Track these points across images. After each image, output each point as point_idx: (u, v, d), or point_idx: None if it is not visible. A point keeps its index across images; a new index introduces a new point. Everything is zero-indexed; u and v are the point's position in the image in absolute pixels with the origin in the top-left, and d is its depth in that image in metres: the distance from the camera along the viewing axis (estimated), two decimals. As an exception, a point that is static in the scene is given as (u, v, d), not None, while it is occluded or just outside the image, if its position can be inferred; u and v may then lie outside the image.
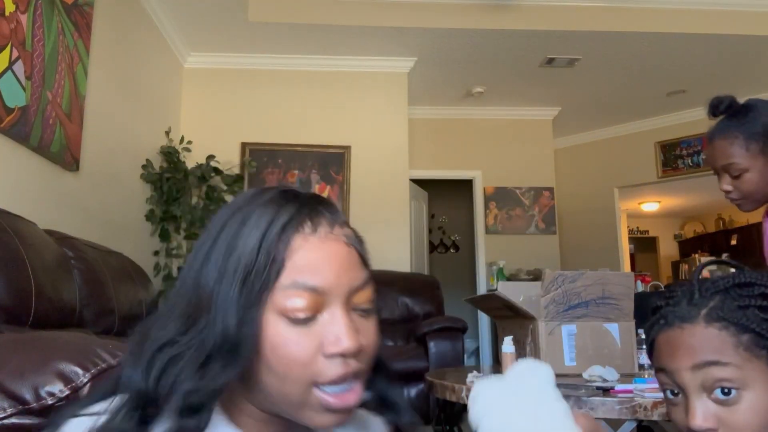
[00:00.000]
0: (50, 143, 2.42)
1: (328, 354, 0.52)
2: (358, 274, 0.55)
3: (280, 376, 0.52)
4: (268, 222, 0.54)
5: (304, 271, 0.52)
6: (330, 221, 0.56)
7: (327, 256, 0.53)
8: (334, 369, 0.52)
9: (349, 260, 0.55)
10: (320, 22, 3.99)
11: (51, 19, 2.42)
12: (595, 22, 4.05)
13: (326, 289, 0.52)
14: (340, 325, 0.52)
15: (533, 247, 5.62)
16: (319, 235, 0.54)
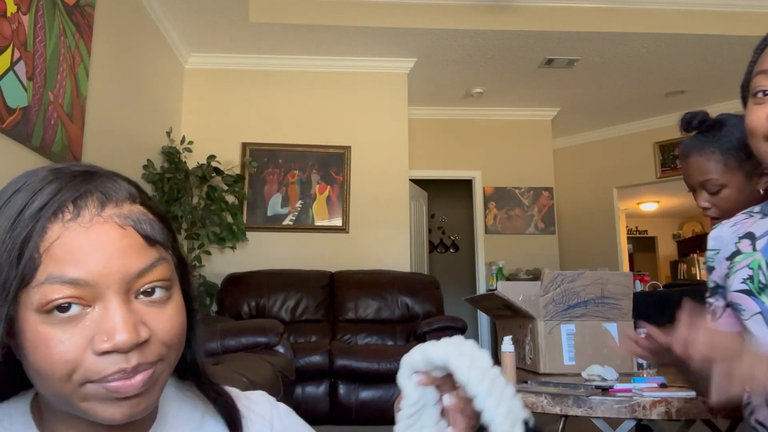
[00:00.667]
0: (52, 143, 2.43)
1: (98, 351, 0.45)
2: (136, 258, 0.48)
3: (47, 378, 0.46)
4: (19, 209, 0.47)
5: (62, 262, 0.45)
6: (100, 201, 0.48)
7: (90, 243, 0.46)
8: (109, 367, 0.46)
9: (123, 244, 0.47)
10: (320, 22, 4.00)
11: (52, 20, 2.43)
12: (594, 23, 4.06)
13: (91, 281, 0.46)
14: (112, 319, 0.46)
15: (532, 246, 5.63)
16: (82, 220, 0.47)
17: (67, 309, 0.45)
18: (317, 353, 3.30)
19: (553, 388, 1.50)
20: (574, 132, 6.30)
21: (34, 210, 0.46)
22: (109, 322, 0.46)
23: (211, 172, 3.92)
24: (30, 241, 0.45)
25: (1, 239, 0.46)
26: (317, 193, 4.45)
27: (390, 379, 3.34)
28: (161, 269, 0.49)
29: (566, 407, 1.42)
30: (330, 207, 4.44)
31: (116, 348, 0.45)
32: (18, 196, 0.48)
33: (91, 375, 0.46)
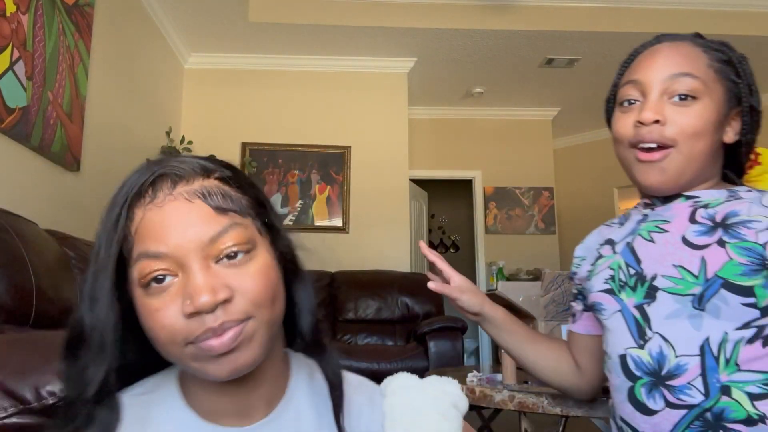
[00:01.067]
0: (51, 143, 2.43)
1: (185, 314, 0.51)
2: (206, 227, 0.53)
3: (158, 343, 0.53)
4: (112, 201, 0.55)
5: (146, 239, 0.52)
6: (173, 181, 0.54)
7: (164, 220, 0.52)
8: (198, 327, 0.51)
9: (192, 216, 0.53)
10: (320, 22, 3.99)
11: (52, 20, 2.43)
12: (595, 23, 4.06)
13: (170, 252, 0.52)
14: (192, 283, 0.51)
15: (533, 246, 5.62)
16: (157, 201, 0.53)
17: (162, 281, 0.52)
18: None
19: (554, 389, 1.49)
20: (574, 132, 6.30)
21: (121, 197, 0.54)
22: (190, 286, 0.51)
23: (211, 172, 3.92)
24: (119, 225, 0.53)
25: (102, 224, 0.55)
26: (317, 193, 4.45)
27: (390, 379, 3.33)
28: (235, 234, 0.54)
29: (567, 408, 1.42)
30: (330, 207, 4.44)
31: (199, 309, 0.50)
32: (117, 188, 0.56)
33: (187, 336, 0.51)
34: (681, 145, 0.84)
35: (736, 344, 0.76)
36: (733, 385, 0.76)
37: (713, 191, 0.87)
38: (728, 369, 0.76)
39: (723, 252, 0.77)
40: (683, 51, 0.88)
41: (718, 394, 0.77)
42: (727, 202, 0.83)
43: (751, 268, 0.75)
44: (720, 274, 0.76)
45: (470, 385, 1.66)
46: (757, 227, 0.77)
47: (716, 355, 0.77)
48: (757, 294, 0.75)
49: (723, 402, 0.76)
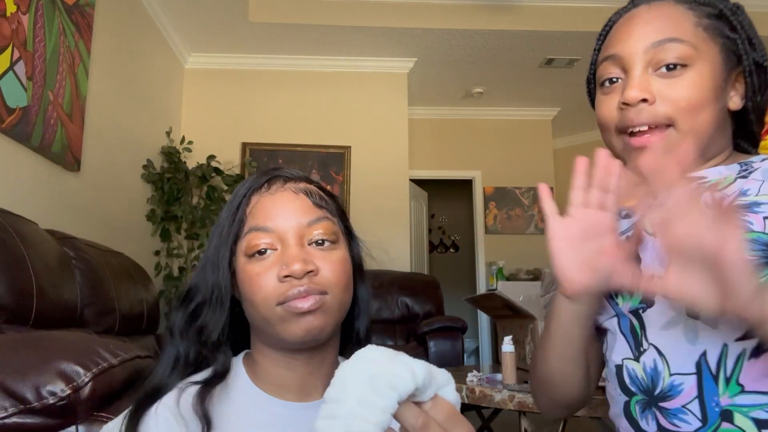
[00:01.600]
0: (51, 143, 2.43)
1: (280, 277, 0.63)
2: (306, 214, 0.67)
3: (253, 303, 0.65)
4: (236, 193, 0.70)
5: (258, 217, 0.67)
6: (284, 180, 0.70)
7: (275, 203, 0.67)
8: (289, 288, 0.63)
9: (297, 205, 0.68)
10: (320, 22, 3.99)
11: (52, 20, 2.43)
12: (595, 23, 4.05)
13: (275, 228, 0.66)
14: (289, 253, 0.64)
15: (533, 247, 5.62)
16: (271, 191, 0.69)
17: (264, 252, 0.65)
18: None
19: (554, 389, 1.49)
20: (574, 132, 6.30)
21: (244, 189, 0.70)
22: (287, 257, 0.64)
23: (211, 172, 3.92)
24: (240, 208, 0.68)
25: (226, 214, 0.69)
26: (317, 193, 4.45)
27: (390, 379, 3.34)
28: (326, 225, 0.68)
29: (566, 407, 1.42)
30: (330, 207, 4.44)
31: (291, 273, 0.63)
32: (239, 186, 0.71)
33: (279, 297, 0.63)
34: (679, 123, 0.70)
35: (738, 359, 0.62)
36: (736, 410, 0.62)
37: (722, 168, 0.73)
38: (729, 390, 0.62)
39: None
40: (664, 12, 0.73)
41: (717, 420, 0.63)
42: (739, 179, 0.70)
43: (755, 263, 0.60)
44: None
45: (470, 385, 1.66)
46: (766, 211, 0.63)
47: (715, 374, 0.63)
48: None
49: (724, 430, 0.62)
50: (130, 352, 1.06)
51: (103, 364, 0.99)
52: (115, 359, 1.01)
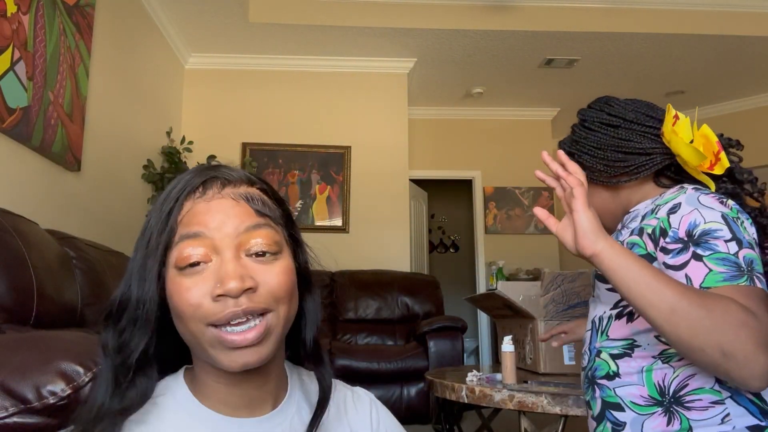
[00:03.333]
0: (52, 143, 2.43)
1: (214, 296, 0.56)
2: (245, 220, 0.60)
3: (182, 320, 0.58)
4: (166, 195, 0.62)
5: (190, 225, 0.59)
6: (222, 183, 0.62)
7: (209, 210, 0.60)
8: (223, 309, 0.56)
9: (234, 211, 0.60)
10: (320, 22, 4.00)
11: (52, 20, 2.43)
12: (594, 23, 4.06)
13: (208, 234, 0.58)
14: (224, 268, 0.57)
15: (532, 246, 5.63)
16: (206, 197, 0.61)
17: (197, 265, 0.57)
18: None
19: (553, 388, 1.50)
20: (574, 132, 6.30)
21: (176, 192, 0.61)
22: (222, 271, 0.57)
23: (211, 172, 3.92)
24: (172, 215, 0.60)
25: (155, 219, 0.61)
26: (317, 193, 4.45)
27: (390, 379, 3.34)
28: (267, 233, 0.60)
29: (566, 407, 1.42)
30: (330, 207, 4.44)
31: (227, 292, 0.55)
32: (171, 185, 0.63)
33: (210, 316, 0.56)
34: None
35: (609, 320, 0.99)
36: (603, 349, 1.00)
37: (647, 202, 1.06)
38: (601, 338, 1.00)
39: None
40: None
41: (594, 356, 1.01)
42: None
43: (729, 275, 0.86)
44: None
45: (470, 384, 1.66)
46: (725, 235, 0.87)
47: (597, 328, 1.02)
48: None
49: (596, 362, 1.00)
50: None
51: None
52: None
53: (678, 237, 0.88)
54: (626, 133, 1.03)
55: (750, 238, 0.87)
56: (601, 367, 0.99)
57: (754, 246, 0.87)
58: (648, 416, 0.91)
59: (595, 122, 1.08)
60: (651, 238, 0.93)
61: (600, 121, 1.07)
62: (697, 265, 0.85)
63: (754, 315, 0.76)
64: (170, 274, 0.59)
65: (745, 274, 0.82)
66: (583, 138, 1.09)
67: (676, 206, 0.92)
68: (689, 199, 0.92)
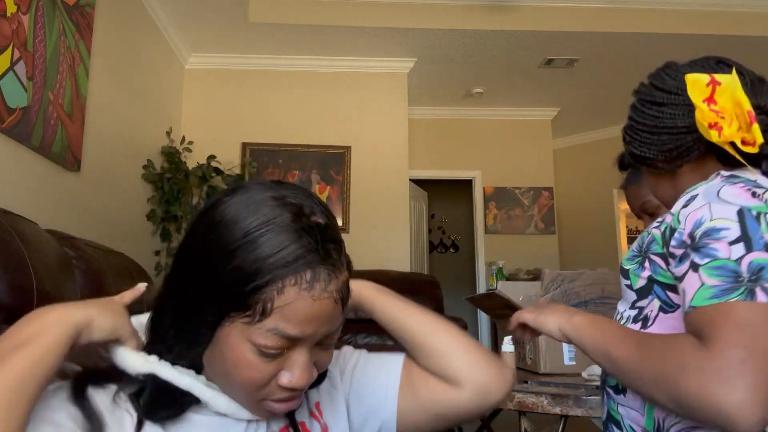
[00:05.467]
0: (52, 143, 2.43)
1: (281, 384, 0.57)
2: (334, 324, 0.59)
3: (236, 388, 0.58)
4: (269, 254, 0.54)
5: (289, 322, 0.54)
6: (328, 275, 0.56)
7: (314, 315, 0.55)
8: (282, 395, 0.58)
9: (332, 316, 0.58)
10: (320, 22, 3.99)
11: (52, 20, 2.43)
12: (594, 23, 4.06)
13: (302, 338, 0.56)
14: (300, 366, 0.57)
15: (532, 247, 5.63)
16: (313, 293, 0.55)
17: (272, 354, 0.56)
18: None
19: (554, 388, 1.50)
20: (574, 132, 6.30)
21: (283, 264, 0.54)
22: (296, 366, 0.57)
23: (211, 172, 3.92)
24: (270, 294, 0.54)
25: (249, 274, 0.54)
26: (317, 193, 4.45)
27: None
28: (339, 330, 0.61)
29: (566, 407, 1.42)
30: (330, 207, 4.43)
31: (294, 387, 0.58)
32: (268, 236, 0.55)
33: (268, 396, 0.58)
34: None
35: (627, 320, 0.89)
36: None
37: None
38: None
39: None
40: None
41: None
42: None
43: (633, 254, 0.89)
44: (621, 260, 0.93)
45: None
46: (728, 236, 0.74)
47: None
48: (631, 276, 0.88)
49: None
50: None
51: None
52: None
53: (682, 240, 0.76)
54: (670, 110, 0.88)
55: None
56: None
57: None
58: None
59: (644, 100, 0.94)
60: (663, 236, 0.81)
61: (647, 99, 0.93)
62: (692, 278, 0.72)
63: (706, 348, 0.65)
64: (239, 342, 0.56)
65: (742, 286, 0.67)
66: (633, 122, 0.95)
67: (691, 199, 0.78)
68: (708, 190, 0.77)
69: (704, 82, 0.83)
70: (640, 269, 0.86)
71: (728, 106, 0.80)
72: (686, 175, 0.91)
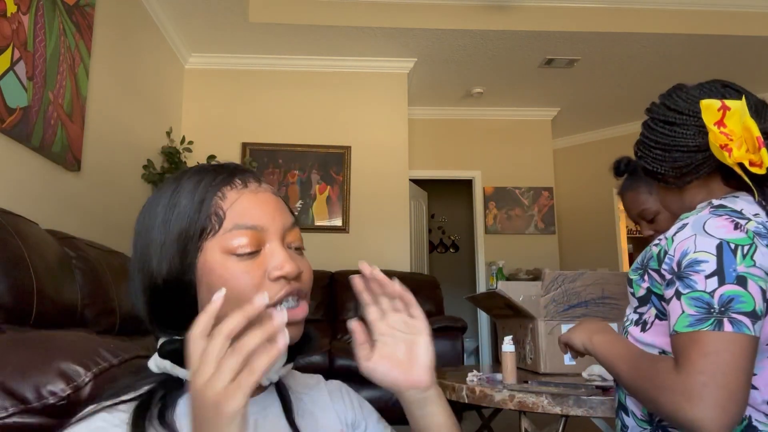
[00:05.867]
0: (52, 143, 2.43)
1: (273, 277, 0.62)
2: (287, 216, 0.67)
3: (238, 301, 0.59)
4: (201, 182, 0.64)
5: (244, 215, 0.63)
6: (256, 179, 0.67)
7: (260, 202, 0.65)
8: (281, 289, 0.62)
9: (279, 205, 0.67)
10: (320, 22, 4.00)
11: (52, 20, 2.43)
12: (594, 23, 4.06)
13: (263, 227, 0.63)
14: (280, 254, 0.63)
15: (532, 246, 5.63)
16: (250, 189, 0.65)
17: (254, 253, 0.62)
18: (317, 353, 3.31)
19: (554, 388, 1.50)
20: (574, 132, 6.30)
21: (209, 182, 0.64)
22: (278, 258, 0.63)
23: (211, 172, 3.92)
24: (212, 201, 0.62)
25: (193, 202, 0.63)
26: (317, 193, 4.45)
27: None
28: (298, 231, 0.68)
29: (567, 407, 1.42)
30: (330, 207, 4.44)
31: (285, 274, 0.62)
32: (190, 179, 0.65)
33: (272, 295, 0.61)
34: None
35: (630, 322, 0.99)
36: None
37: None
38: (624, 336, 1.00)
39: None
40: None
41: None
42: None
43: (637, 265, 0.97)
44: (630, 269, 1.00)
45: (470, 384, 1.66)
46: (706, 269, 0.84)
47: (624, 326, 1.01)
48: (633, 286, 0.97)
49: None
50: (131, 351, 1.06)
51: (103, 364, 0.99)
52: (116, 359, 1.01)
53: (671, 266, 0.86)
54: (682, 130, 0.95)
55: (747, 271, 0.79)
56: None
57: (748, 280, 0.79)
58: (642, 430, 0.94)
59: (657, 119, 1.02)
60: (659, 256, 0.90)
61: (660, 118, 1.01)
62: (675, 305, 0.83)
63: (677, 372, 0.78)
64: (218, 259, 0.61)
65: (712, 317, 0.78)
66: (646, 139, 1.04)
67: (682, 227, 0.88)
68: (696, 222, 0.86)
69: (716, 107, 0.90)
70: (641, 280, 0.95)
71: (737, 130, 0.88)
72: (694, 190, 0.99)
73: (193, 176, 0.66)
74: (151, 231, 0.64)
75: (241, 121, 4.46)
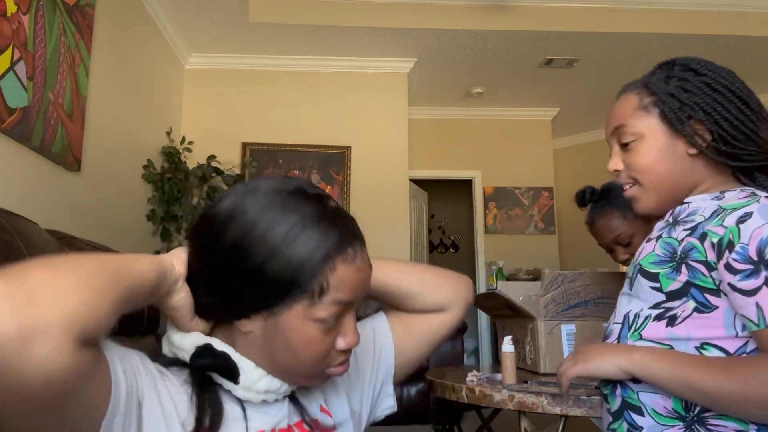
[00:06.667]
0: (52, 143, 2.43)
1: (339, 349, 0.68)
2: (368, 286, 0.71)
3: (302, 361, 0.66)
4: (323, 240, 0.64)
5: (344, 290, 0.65)
6: (361, 246, 0.68)
7: (360, 281, 0.67)
8: (342, 357, 0.70)
9: (370, 279, 0.70)
10: (320, 23, 4.00)
11: (52, 20, 2.43)
12: (595, 23, 4.06)
13: (353, 303, 0.68)
14: (352, 329, 0.69)
15: (532, 246, 5.63)
16: (356, 263, 0.67)
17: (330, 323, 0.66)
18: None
19: (554, 388, 1.50)
20: (574, 132, 6.30)
21: (330, 245, 0.64)
22: (350, 333, 0.69)
23: (212, 172, 3.92)
24: (324, 273, 0.64)
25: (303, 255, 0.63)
26: (317, 193, 4.45)
27: (390, 379, 3.34)
28: None
29: (566, 407, 1.42)
30: (330, 207, 4.44)
31: (349, 348, 0.69)
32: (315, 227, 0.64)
33: (331, 362, 0.69)
34: (642, 181, 1.00)
35: (645, 319, 0.92)
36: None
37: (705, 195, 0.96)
38: (632, 335, 0.93)
39: (652, 244, 0.94)
40: (619, 104, 1.09)
41: None
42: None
43: (662, 258, 0.90)
44: (640, 262, 0.93)
45: (470, 384, 1.66)
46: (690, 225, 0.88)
47: (630, 324, 0.94)
48: (661, 280, 0.90)
49: None
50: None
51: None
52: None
53: (747, 256, 0.80)
54: (754, 115, 0.92)
55: None
56: None
57: None
58: (667, 428, 0.88)
59: (725, 87, 0.95)
60: (714, 248, 0.85)
61: (729, 89, 0.95)
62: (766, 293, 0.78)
63: None
64: (300, 322, 0.64)
65: None
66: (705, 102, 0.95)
67: (746, 215, 0.83)
68: (762, 209, 0.82)
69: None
70: (675, 273, 0.89)
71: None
72: (706, 170, 0.96)
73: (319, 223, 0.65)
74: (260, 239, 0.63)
75: (241, 121, 4.46)
